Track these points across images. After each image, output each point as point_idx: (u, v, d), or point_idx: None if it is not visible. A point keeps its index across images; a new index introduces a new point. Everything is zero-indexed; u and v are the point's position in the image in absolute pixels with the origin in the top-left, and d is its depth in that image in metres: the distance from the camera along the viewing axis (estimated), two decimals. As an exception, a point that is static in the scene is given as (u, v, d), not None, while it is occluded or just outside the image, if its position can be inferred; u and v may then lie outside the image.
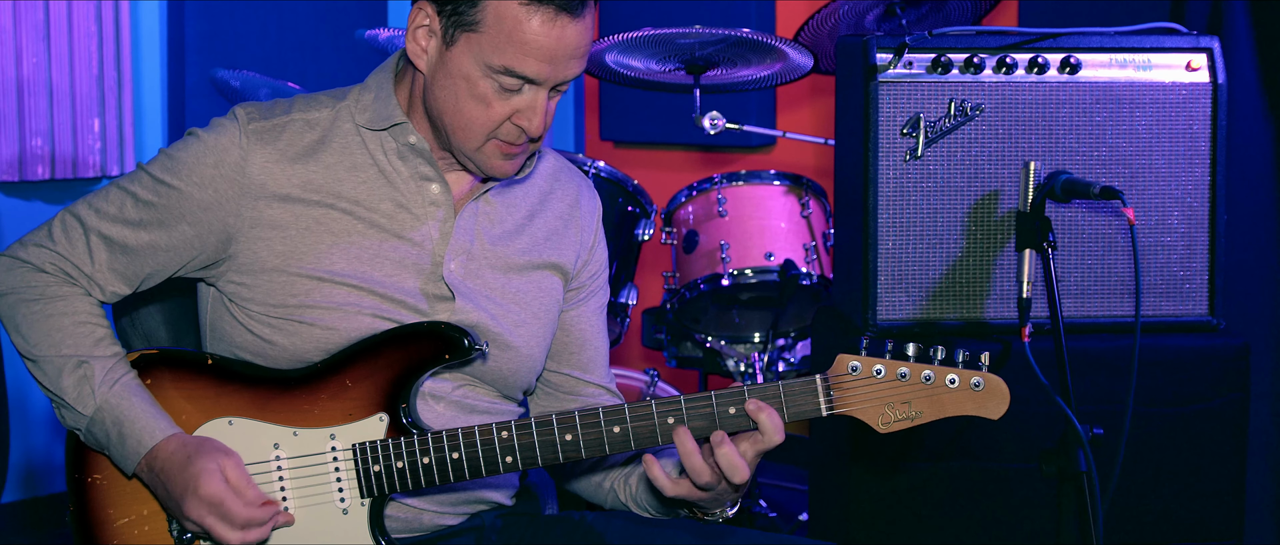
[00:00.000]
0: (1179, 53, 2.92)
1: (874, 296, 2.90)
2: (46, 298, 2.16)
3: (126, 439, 2.10)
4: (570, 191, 2.35)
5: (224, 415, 2.14)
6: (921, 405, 2.04)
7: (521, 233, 2.27)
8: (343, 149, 2.18)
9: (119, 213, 2.17)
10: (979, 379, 2.04)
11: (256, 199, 2.13)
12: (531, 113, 2.08)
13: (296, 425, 2.13)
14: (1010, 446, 2.84)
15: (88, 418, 2.11)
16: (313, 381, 2.14)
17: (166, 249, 2.16)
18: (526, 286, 2.25)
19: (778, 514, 4.29)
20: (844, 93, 3.06)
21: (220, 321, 2.21)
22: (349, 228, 2.15)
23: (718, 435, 2.05)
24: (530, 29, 2.02)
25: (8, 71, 4.16)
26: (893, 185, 2.90)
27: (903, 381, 2.04)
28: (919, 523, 2.90)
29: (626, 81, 4.03)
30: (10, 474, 4.15)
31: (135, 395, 2.12)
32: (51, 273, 2.17)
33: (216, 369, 2.16)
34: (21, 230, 4.30)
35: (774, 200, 3.97)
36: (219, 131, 2.16)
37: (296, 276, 2.13)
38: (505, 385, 2.25)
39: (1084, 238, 2.92)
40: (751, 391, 2.05)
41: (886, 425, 2.05)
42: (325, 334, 2.13)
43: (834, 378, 2.05)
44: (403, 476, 2.10)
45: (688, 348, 4.15)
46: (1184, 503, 2.90)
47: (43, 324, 2.14)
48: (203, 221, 2.14)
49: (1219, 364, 2.89)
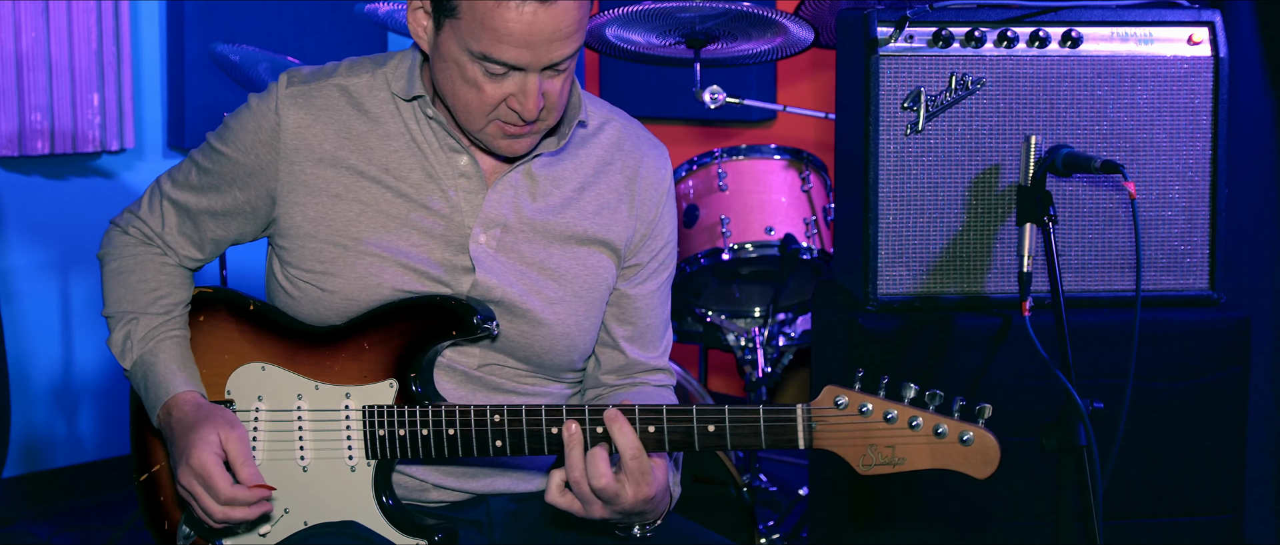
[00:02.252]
0: (1181, 26, 2.92)
1: (874, 271, 2.90)
2: (124, 257, 2.31)
3: (149, 390, 2.21)
4: (631, 162, 2.28)
5: (259, 361, 2.22)
6: (905, 452, 1.95)
7: (569, 206, 2.24)
8: (377, 116, 2.20)
9: (186, 179, 2.28)
10: (970, 435, 1.94)
11: (292, 162, 2.19)
12: (522, 96, 2.06)
13: (319, 380, 2.18)
14: (1010, 420, 2.84)
15: (128, 370, 2.25)
16: (336, 340, 2.19)
17: (223, 213, 2.26)
18: (569, 262, 2.23)
19: (778, 488, 4.30)
20: (845, 67, 3.05)
21: (272, 279, 2.29)
22: (378, 196, 2.18)
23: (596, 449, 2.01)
24: (502, 17, 1.99)
25: (7, 46, 4.15)
26: (893, 159, 2.89)
27: (889, 424, 1.95)
28: (918, 496, 2.90)
29: (627, 55, 4.02)
30: (11, 449, 4.16)
31: (168, 351, 2.22)
32: (133, 236, 2.32)
33: (256, 315, 2.25)
34: (21, 205, 4.30)
35: (774, 174, 3.97)
36: (263, 97, 2.23)
37: (325, 244, 2.18)
38: (538, 363, 2.23)
39: (1085, 212, 2.91)
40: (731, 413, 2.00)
41: (866, 467, 1.96)
42: (346, 304, 2.17)
43: (817, 411, 1.97)
44: (403, 444, 2.13)
45: (688, 322, 4.15)
46: (1183, 476, 2.91)
47: (115, 283, 2.30)
48: (250, 186, 2.22)
49: (1219, 338, 2.90)
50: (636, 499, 2.02)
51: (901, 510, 2.90)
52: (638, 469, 2.01)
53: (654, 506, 2.06)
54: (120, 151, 4.45)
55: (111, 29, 4.34)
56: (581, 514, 2.04)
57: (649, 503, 2.04)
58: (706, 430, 2.01)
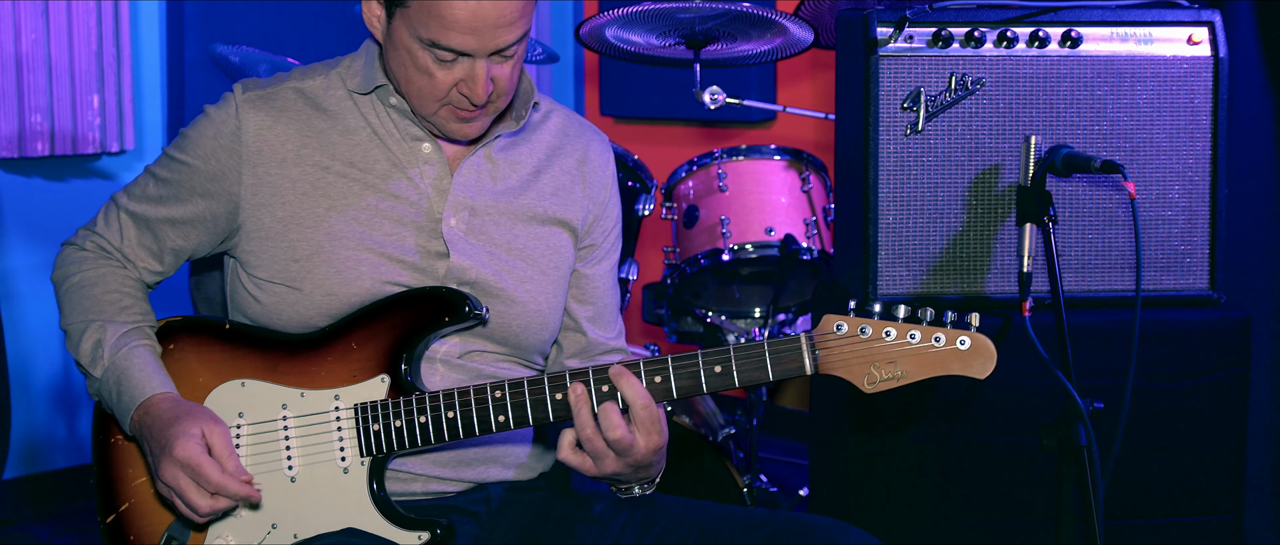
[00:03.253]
0: (1180, 26, 2.92)
1: (875, 271, 2.90)
2: (83, 271, 2.29)
3: (122, 395, 2.17)
4: (579, 147, 2.38)
5: (237, 377, 2.21)
6: (907, 365, 2.03)
7: (528, 188, 2.30)
8: (335, 113, 2.24)
9: (143, 192, 2.30)
10: (965, 339, 2.02)
11: (255, 164, 2.21)
12: (471, 82, 2.12)
13: (303, 387, 2.18)
14: (1011, 420, 2.85)
15: (98, 379, 2.20)
16: (320, 345, 2.19)
17: (184, 222, 2.26)
18: (534, 242, 2.29)
19: (778, 488, 4.29)
20: (844, 67, 3.05)
21: (236, 291, 2.28)
22: (346, 190, 2.21)
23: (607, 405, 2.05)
24: (448, 5, 2.05)
25: (6, 48, 4.15)
26: (893, 160, 2.89)
27: (888, 341, 2.03)
28: (919, 497, 2.90)
29: (626, 56, 4.02)
30: (12, 450, 4.16)
31: (140, 356, 2.19)
32: (90, 251, 2.32)
33: (233, 334, 2.24)
34: (20, 207, 4.30)
35: (774, 175, 3.97)
36: (220, 105, 2.26)
37: (298, 242, 2.19)
38: (515, 344, 2.28)
39: (1085, 212, 2.91)
40: (736, 350, 2.05)
41: (872, 385, 2.04)
42: (327, 299, 2.18)
43: (820, 337, 2.05)
44: (400, 435, 2.13)
45: (688, 323, 4.15)
46: (1184, 476, 2.91)
47: (77, 295, 2.27)
48: (212, 193, 2.23)
49: (1219, 338, 2.90)
50: (648, 449, 2.08)
51: (901, 510, 2.90)
52: (648, 418, 2.06)
53: (660, 458, 2.13)
54: (120, 153, 4.45)
55: (111, 30, 4.34)
56: (593, 472, 2.10)
57: (657, 453, 2.10)
58: (713, 371, 2.06)
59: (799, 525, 2.16)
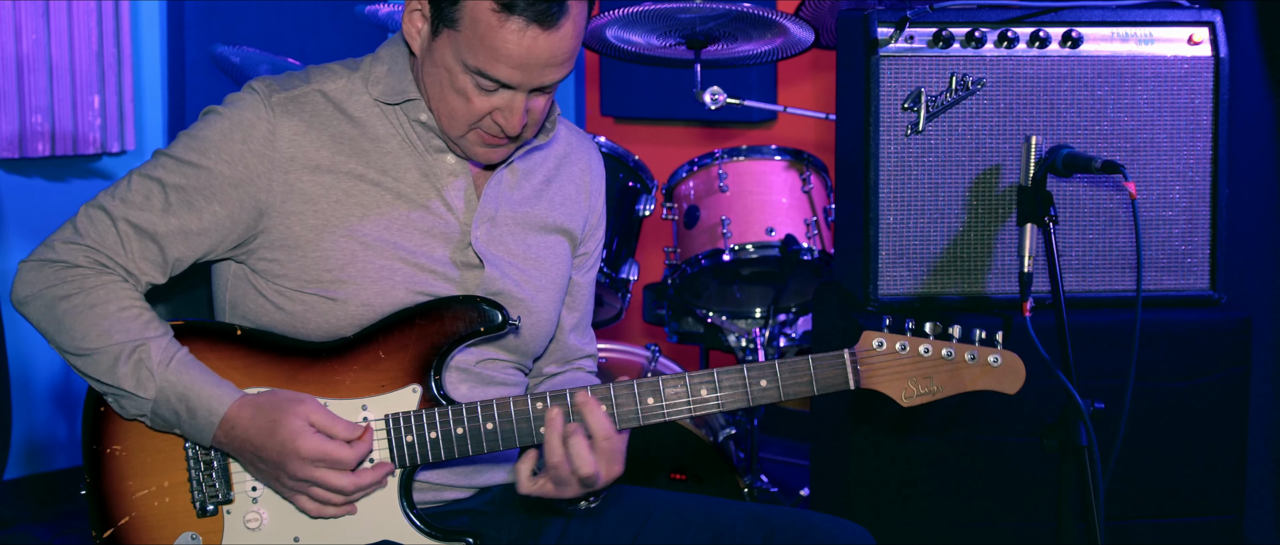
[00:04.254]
0: (1181, 26, 2.92)
1: (875, 271, 2.90)
2: (86, 289, 2.10)
3: (196, 413, 2.06)
4: (582, 157, 2.39)
5: (256, 386, 2.12)
6: (942, 381, 2.12)
7: (540, 198, 2.30)
8: (362, 120, 2.18)
9: (146, 199, 2.12)
10: (996, 356, 2.12)
11: (288, 172, 2.12)
12: (508, 113, 2.09)
13: (327, 396, 2.12)
14: (1011, 420, 2.85)
15: (151, 400, 2.07)
16: (344, 353, 2.13)
17: (198, 232, 2.12)
18: (542, 250, 2.29)
19: (779, 489, 4.29)
20: (845, 67, 3.05)
21: (244, 299, 2.19)
22: (378, 199, 2.16)
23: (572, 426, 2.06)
24: (502, 37, 2.01)
25: (7, 48, 4.15)
26: (894, 160, 2.89)
27: (925, 357, 2.11)
28: (919, 496, 2.90)
29: (627, 57, 4.02)
30: (12, 451, 4.16)
31: (192, 368, 2.08)
32: (85, 265, 2.12)
33: (246, 340, 2.15)
34: (21, 207, 4.30)
35: (775, 175, 3.97)
36: (243, 106, 2.14)
37: (331, 250, 2.13)
38: (524, 351, 2.28)
39: (1085, 212, 2.91)
40: (781, 366, 2.10)
41: (909, 399, 2.12)
42: (361, 310, 2.13)
43: (861, 354, 2.11)
44: (436, 446, 2.11)
45: (689, 323, 4.15)
46: (1185, 476, 2.91)
47: (87, 316, 2.09)
48: (234, 199, 2.12)
49: (1220, 338, 2.90)
50: (608, 479, 2.11)
51: (902, 511, 2.90)
52: (610, 449, 2.09)
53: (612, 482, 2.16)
54: (121, 153, 4.45)
55: (112, 31, 4.34)
56: (552, 496, 2.11)
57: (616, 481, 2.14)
58: (759, 386, 2.11)
59: (795, 520, 2.18)
